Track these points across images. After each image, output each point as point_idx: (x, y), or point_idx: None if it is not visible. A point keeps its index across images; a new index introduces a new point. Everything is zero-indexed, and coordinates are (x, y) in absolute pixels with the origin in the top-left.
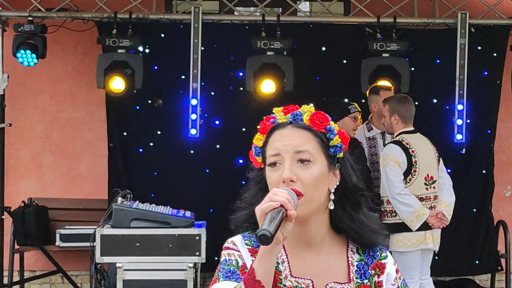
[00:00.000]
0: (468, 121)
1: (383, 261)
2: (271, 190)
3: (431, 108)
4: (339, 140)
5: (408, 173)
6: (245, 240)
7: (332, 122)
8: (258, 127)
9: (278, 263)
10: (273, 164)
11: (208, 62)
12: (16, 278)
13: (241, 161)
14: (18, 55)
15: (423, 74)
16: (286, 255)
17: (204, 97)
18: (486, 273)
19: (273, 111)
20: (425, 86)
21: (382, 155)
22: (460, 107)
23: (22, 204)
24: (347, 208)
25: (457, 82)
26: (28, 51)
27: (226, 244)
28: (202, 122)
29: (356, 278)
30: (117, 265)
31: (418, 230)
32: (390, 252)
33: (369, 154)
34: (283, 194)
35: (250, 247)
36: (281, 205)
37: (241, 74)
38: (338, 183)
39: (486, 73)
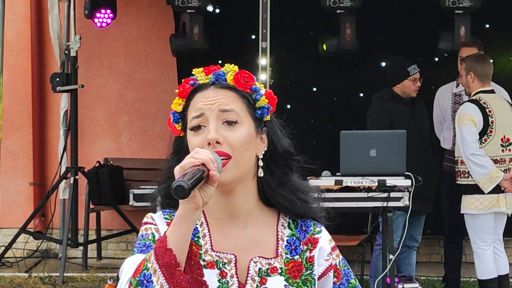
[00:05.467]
0: None
1: (316, 235)
2: (194, 149)
3: (507, 66)
4: (266, 101)
5: (483, 133)
6: (164, 214)
7: (257, 82)
8: (177, 91)
9: (198, 237)
10: (197, 128)
11: (278, 22)
12: (93, 237)
13: (312, 121)
14: (98, 15)
15: (499, 31)
16: (208, 229)
17: (274, 57)
18: None
19: (193, 72)
20: (502, 43)
21: (458, 113)
22: None
23: (97, 164)
24: (277, 175)
25: None
26: (106, 11)
27: (144, 219)
28: (273, 82)
29: (286, 253)
30: None
31: (490, 192)
32: (463, 214)
33: (452, 110)
34: (206, 153)
35: (168, 221)
36: (203, 164)
37: (312, 33)
38: (266, 149)
39: None
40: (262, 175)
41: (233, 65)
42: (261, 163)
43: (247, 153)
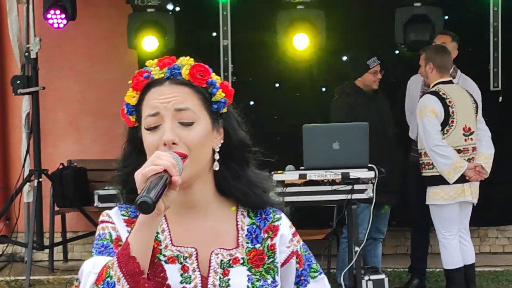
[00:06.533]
0: (504, 68)
1: (276, 223)
2: (154, 153)
3: (466, 57)
4: (223, 94)
5: (445, 124)
6: (121, 211)
7: (213, 74)
8: (130, 82)
9: (157, 232)
10: (153, 128)
11: (238, 18)
12: (58, 239)
13: (275, 117)
14: (48, 15)
15: (457, 23)
16: (167, 223)
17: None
18: None
19: (146, 64)
20: (460, 35)
21: (419, 106)
22: (495, 54)
23: (61, 166)
24: (233, 167)
25: (491, 29)
26: (58, 12)
27: (100, 218)
28: (235, 79)
29: (247, 242)
30: None
31: (455, 182)
32: (428, 205)
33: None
34: (167, 157)
35: (126, 218)
36: (165, 170)
37: (272, 29)
38: (222, 141)
39: None
40: (217, 168)
41: (188, 57)
42: (217, 156)
43: (203, 150)
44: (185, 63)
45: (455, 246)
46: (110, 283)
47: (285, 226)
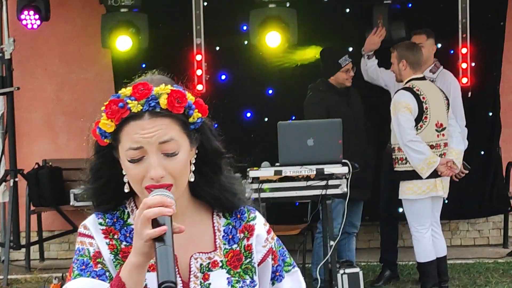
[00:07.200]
0: (473, 64)
1: (251, 222)
2: (143, 202)
3: (435, 53)
4: (199, 114)
5: (419, 119)
6: (98, 219)
7: (189, 95)
8: (103, 108)
9: None
10: (137, 161)
11: (211, 17)
12: (35, 238)
13: (248, 114)
14: (22, 16)
15: (426, 19)
16: None
17: (209, 52)
18: (496, 214)
19: (121, 93)
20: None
21: (393, 102)
22: (464, 50)
23: (36, 166)
24: (206, 174)
25: (459, 26)
26: (32, 13)
27: (79, 229)
28: (208, 78)
29: (224, 244)
30: None
31: (428, 177)
32: (401, 200)
33: None
34: (155, 210)
35: (104, 227)
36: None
37: (245, 28)
38: (197, 151)
39: (489, 15)
40: (192, 179)
41: (163, 85)
42: (192, 168)
43: (185, 174)
44: (162, 91)
45: (428, 240)
46: None
47: (260, 225)
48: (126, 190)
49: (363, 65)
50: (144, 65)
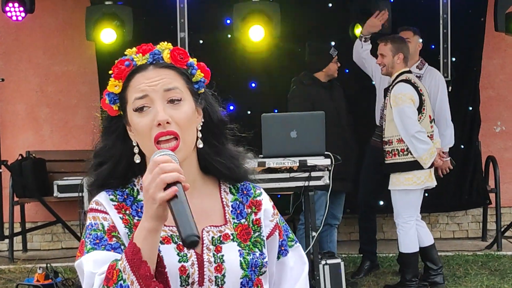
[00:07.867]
0: (454, 59)
1: (258, 198)
2: (153, 162)
3: None
4: (202, 74)
5: (419, 111)
6: (109, 195)
7: (191, 58)
8: (111, 72)
9: None
10: (141, 109)
11: (195, 11)
12: (18, 229)
13: (231, 107)
14: (7, 8)
15: (407, 14)
16: None
17: (192, 46)
18: (475, 207)
19: (126, 53)
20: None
21: (396, 94)
22: (444, 45)
23: (20, 158)
24: (214, 143)
25: (441, 21)
26: (16, 5)
27: (90, 206)
28: None
29: (233, 218)
30: None
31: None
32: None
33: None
34: (172, 167)
35: (116, 203)
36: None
37: (228, 21)
38: (203, 120)
39: (470, 11)
40: (201, 146)
41: (166, 42)
42: (200, 135)
43: (191, 129)
44: (165, 47)
45: (414, 231)
46: (123, 286)
47: (266, 200)
48: (137, 160)
49: (357, 47)
50: None
